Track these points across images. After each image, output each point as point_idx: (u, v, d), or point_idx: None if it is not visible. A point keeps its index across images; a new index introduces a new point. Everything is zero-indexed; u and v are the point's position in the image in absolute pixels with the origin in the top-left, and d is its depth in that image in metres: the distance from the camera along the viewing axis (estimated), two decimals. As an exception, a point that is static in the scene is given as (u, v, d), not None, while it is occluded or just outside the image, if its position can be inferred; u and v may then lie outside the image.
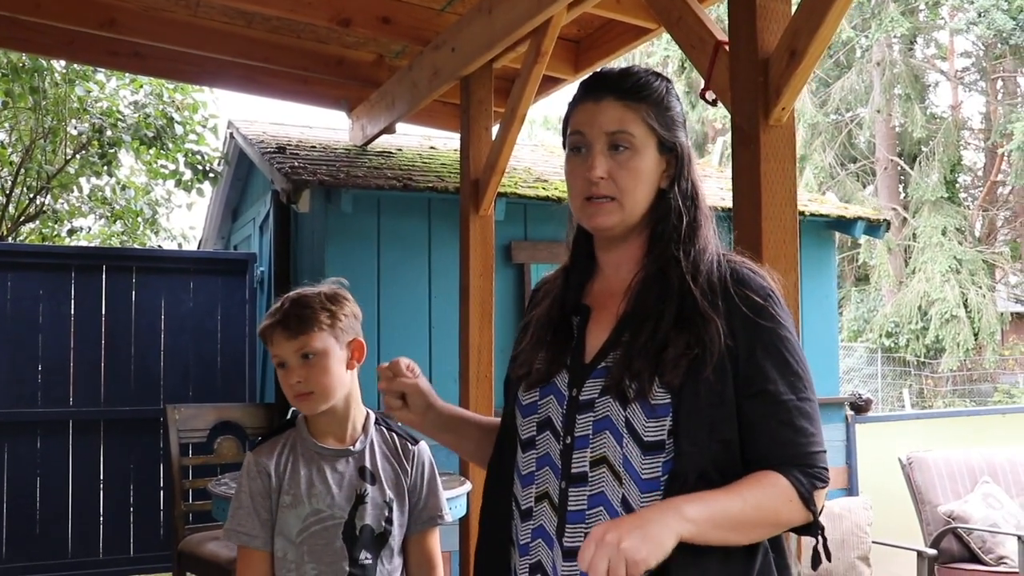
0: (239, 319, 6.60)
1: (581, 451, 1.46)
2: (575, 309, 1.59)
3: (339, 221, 5.25)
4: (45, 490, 5.99)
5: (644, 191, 1.52)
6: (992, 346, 19.14)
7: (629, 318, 1.50)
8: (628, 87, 1.53)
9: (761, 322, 1.44)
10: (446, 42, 4.45)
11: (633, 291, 1.52)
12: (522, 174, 5.92)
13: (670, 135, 1.54)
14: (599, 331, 1.54)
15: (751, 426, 1.41)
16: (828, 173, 21.68)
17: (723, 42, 2.68)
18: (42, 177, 8.07)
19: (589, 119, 1.52)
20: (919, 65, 22.52)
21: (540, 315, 1.63)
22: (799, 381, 1.44)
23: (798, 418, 1.41)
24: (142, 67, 5.68)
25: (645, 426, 1.41)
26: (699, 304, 1.44)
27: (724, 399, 1.40)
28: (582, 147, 1.53)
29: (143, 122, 7.57)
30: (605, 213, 1.51)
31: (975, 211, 22.78)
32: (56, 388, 6.07)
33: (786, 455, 1.40)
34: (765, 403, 1.41)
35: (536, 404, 1.55)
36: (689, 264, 1.49)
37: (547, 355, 1.56)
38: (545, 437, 1.52)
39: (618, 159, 1.51)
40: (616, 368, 1.45)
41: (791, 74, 2.42)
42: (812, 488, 1.40)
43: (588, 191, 1.51)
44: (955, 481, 5.19)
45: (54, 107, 7.67)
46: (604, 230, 1.54)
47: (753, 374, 1.42)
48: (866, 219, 6.47)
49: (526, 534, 1.52)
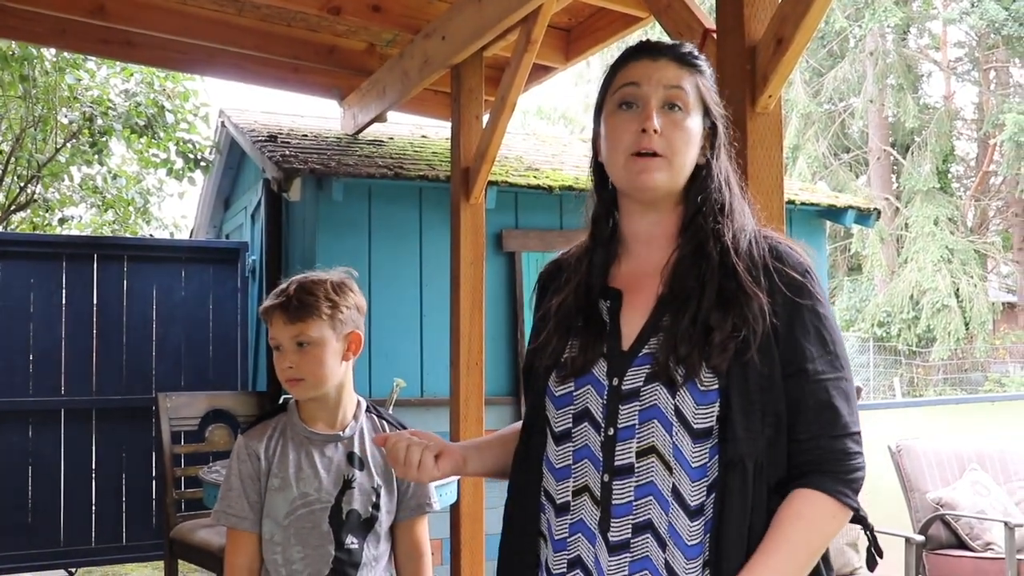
0: (231, 307, 6.61)
1: (626, 442, 1.41)
2: (603, 293, 1.52)
3: (330, 209, 5.25)
4: (37, 479, 6.00)
5: (691, 155, 1.49)
6: (983, 335, 19.23)
7: (668, 300, 1.45)
8: (685, 53, 1.52)
9: (800, 300, 1.41)
10: (437, 30, 4.45)
11: (671, 271, 1.47)
12: (513, 163, 5.92)
13: (713, 109, 1.52)
14: (635, 316, 1.48)
15: (791, 405, 1.39)
16: (821, 163, 21.71)
17: (711, 30, 2.68)
18: (33, 166, 8.04)
19: (647, 73, 1.49)
20: (912, 55, 22.55)
21: (564, 301, 1.55)
22: (837, 360, 1.42)
23: (836, 398, 1.39)
24: (133, 55, 5.66)
25: (695, 413, 1.37)
26: (742, 281, 1.40)
27: (773, 381, 1.38)
28: (635, 101, 1.48)
29: (134, 111, 7.55)
30: (653, 169, 1.45)
31: (967, 201, 22.85)
32: (47, 377, 6.07)
33: (825, 433, 1.38)
34: (804, 382, 1.39)
35: (571, 395, 1.48)
36: (730, 239, 1.45)
37: (579, 343, 1.49)
38: (583, 429, 1.46)
39: (672, 117, 1.47)
40: (662, 354, 1.40)
41: (778, 62, 2.42)
42: (851, 490, 1.39)
43: (638, 144, 1.45)
44: (944, 469, 5.22)
45: (44, 95, 7.64)
46: (649, 189, 1.48)
47: (792, 353, 1.39)
48: (856, 208, 6.49)
49: (563, 529, 1.46)
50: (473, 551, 4.22)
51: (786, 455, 1.39)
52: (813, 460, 1.39)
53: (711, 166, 1.50)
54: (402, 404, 4.65)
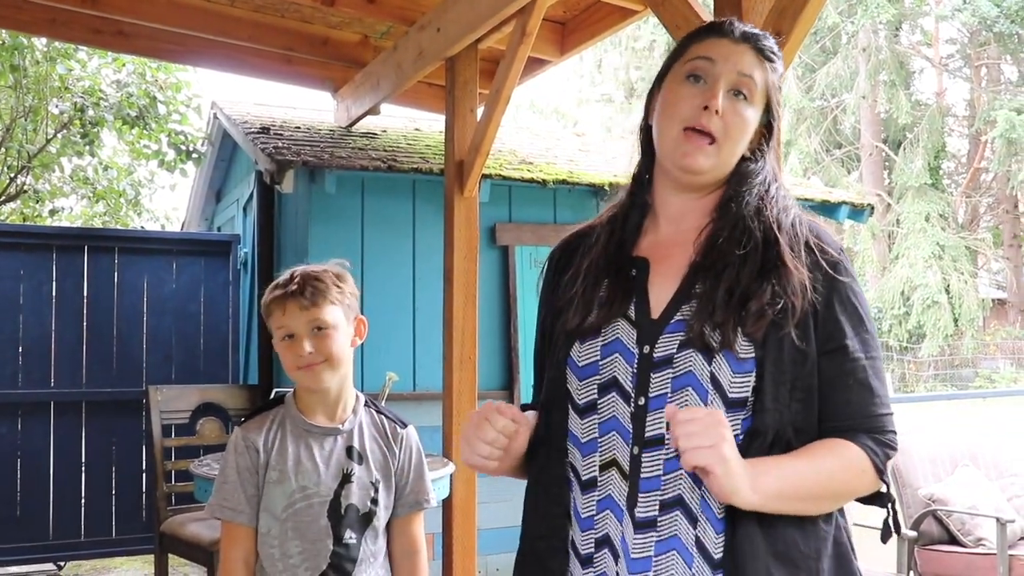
0: (222, 300, 6.58)
1: (657, 412, 1.35)
2: (631, 262, 1.48)
3: (323, 202, 5.23)
4: (26, 472, 5.97)
5: (741, 145, 1.47)
6: (973, 332, 19.30)
7: (701, 268, 1.41)
8: (766, 45, 1.49)
9: (838, 277, 1.39)
10: (431, 22, 4.43)
11: (705, 240, 1.43)
12: (507, 156, 5.91)
13: (775, 105, 1.50)
14: (664, 283, 1.43)
15: (827, 383, 1.36)
16: (813, 158, 21.75)
17: (708, 23, 2.67)
18: (23, 156, 8.00)
19: (725, 53, 1.46)
20: (904, 51, 22.58)
21: (590, 266, 1.50)
22: (872, 339, 1.40)
23: (872, 378, 1.38)
24: (125, 46, 5.62)
25: (731, 381, 1.33)
26: (784, 254, 1.38)
27: (807, 356, 1.35)
28: (704, 77, 1.45)
29: (126, 101, 7.51)
30: (703, 153, 1.43)
31: (958, 197, 22.91)
32: (37, 369, 6.03)
33: (860, 416, 1.37)
34: (842, 360, 1.37)
35: (597, 364, 1.42)
36: (774, 213, 1.43)
37: (604, 311, 1.44)
38: (610, 399, 1.40)
39: (735, 104, 1.44)
40: (696, 320, 1.35)
41: (776, 55, 2.42)
42: (885, 457, 1.37)
43: (697, 120, 1.42)
44: (935, 464, 5.23)
45: (35, 85, 7.59)
46: (694, 172, 1.45)
47: (831, 329, 1.37)
48: (850, 203, 6.49)
49: (590, 506, 1.41)
50: (465, 546, 4.21)
51: (815, 432, 1.36)
52: (852, 427, 1.37)
53: (758, 160, 1.49)
54: (394, 398, 4.64)
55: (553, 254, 1.63)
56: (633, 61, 23.84)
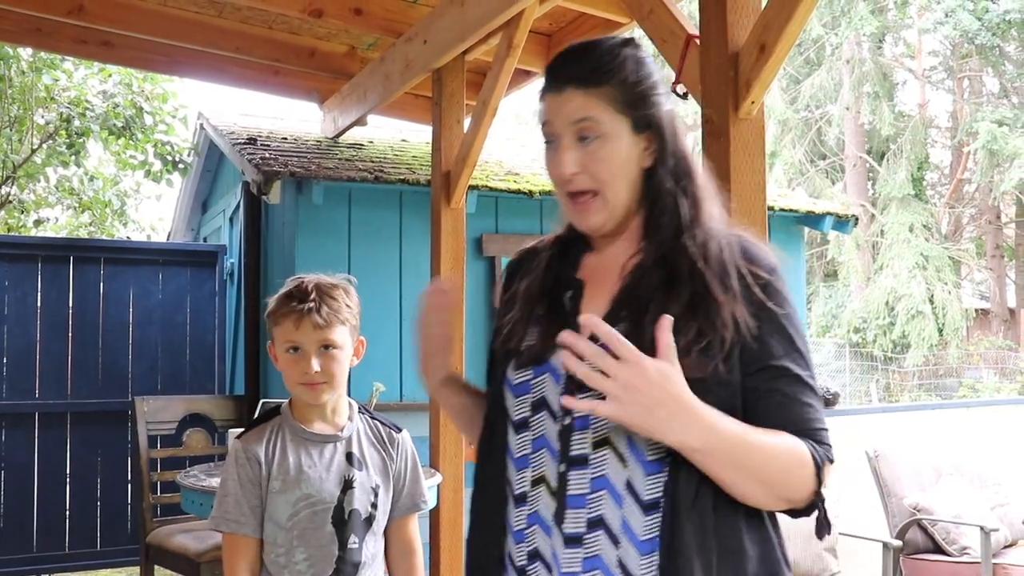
0: (208, 311, 6.56)
1: (582, 432, 1.37)
2: (567, 283, 1.50)
3: (310, 213, 5.23)
4: (10, 483, 5.93)
5: (624, 179, 1.43)
6: (957, 342, 19.40)
7: (625, 297, 1.41)
8: (589, 71, 1.42)
9: (768, 299, 1.38)
10: (418, 34, 4.44)
11: (629, 271, 1.43)
12: (494, 167, 5.92)
13: (643, 112, 1.43)
14: (594, 307, 1.43)
15: (759, 401, 1.35)
16: (798, 169, 21.87)
17: (694, 36, 2.70)
18: (8, 167, 7.96)
19: (554, 109, 1.44)
20: (888, 63, 22.76)
21: (529, 287, 1.53)
22: (802, 359, 1.39)
23: (806, 394, 1.37)
24: (111, 56, 5.62)
25: None
26: (712, 289, 1.36)
27: (732, 378, 1.34)
28: (552, 139, 1.45)
29: (112, 112, 7.49)
30: (592, 212, 1.43)
31: (942, 208, 23.07)
32: (22, 380, 6.00)
33: (799, 427, 1.35)
34: (772, 378, 1.36)
35: (529, 384, 1.45)
36: (697, 248, 1.40)
37: (539, 331, 1.46)
38: (541, 418, 1.42)
39: (588, 150, 1.41)
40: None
41: (761, 68, 2.44)
42: (824, 460, 1.35)
43: (565, 186, 1.44)
44: (920, 474, 5.26)
45: (20, 95, 7.57)
46: (594, 230, 1.47)
47: (760, 351, 1.36)
48: (835, 214, 6.53)
49: (521, 520, 1.43)
50: (452, 556, 4.21)
51: None
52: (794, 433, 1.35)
53: (658, 170, 1.44)
54: (381, 409, 4.63)
55: (511, 264, 1.65)
56: (619, 72, 23.96)
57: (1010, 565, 4.71)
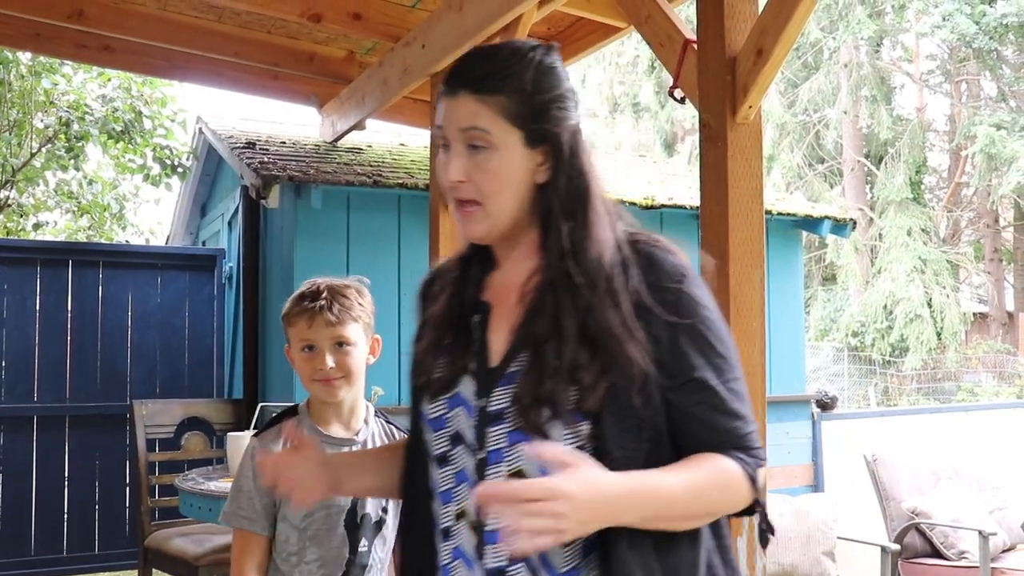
0: (207, 314, 6.57)
1: (496, 465, 1.33)
2: (475, 306, 1.43)
3: (309, 217, 5.24)
4: (7, 487, 5.93)
5: (510, 193, 1.35)
6: (955, 345, 19.41)
7: (529, 320, 1.34)
8: (483, 77, 1.34)
9: (680, 308, 1.32)
10: (416, 39, 4.45)
11: (526, 300, 1.36)
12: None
13: (539, 124, 1.35)
14: (502, 330, 1.38)
15: (683, 416, 1.31)
16: (796, 173, 21.89)
17: (691, 40, 2.71)
18: (7, 170, 7.97)
19: (447, 115, 1.36)
20: (885, 67, 22.79)
21: (437, 313, 1.47)
22: (725, 363, 1.33)
23: (731, 401, 1.32)
24: (110, 60, 5.63)
25: (563, 436, 1.29)
26: (606, 319, 1.29)
27: (650, 400, 1.29)
28: (444, 146, 1.38)
29: (111, 116, 7.50)
30: (473, 222, 1.36)
31: (940, 212, 23.10)
32: (21, 383, 6.01)
33: (723, 441, 1.31)
34: (694, 391, 1.31)
35: (444, 418, 1.40)
36: (584, 276, 1.32)
37: (448, 361, 1.40)
38: (459, 452, 1.38)
39: (476, 160, 1.34)
40: (524, 388, 1.30)
41: (758, 73, 2.45)
42: (756, 467, 1.32)
43: (451, 193, 1.37)
44: (918, 478, 5.27)
45: (20, 99, 7.58)
46: (476, 239, 1.40)
47: (678, 364, 1.31)
48: (833, 218, 6.54)
49: (447, 554, 1.40)
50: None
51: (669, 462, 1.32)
52: (721, 448, 1.32)
53: (551, 185, 1.36)
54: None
55: (421, 286, 1.60)
56: (617, 76, 23.94)
57: (1008, 569, 4.72)
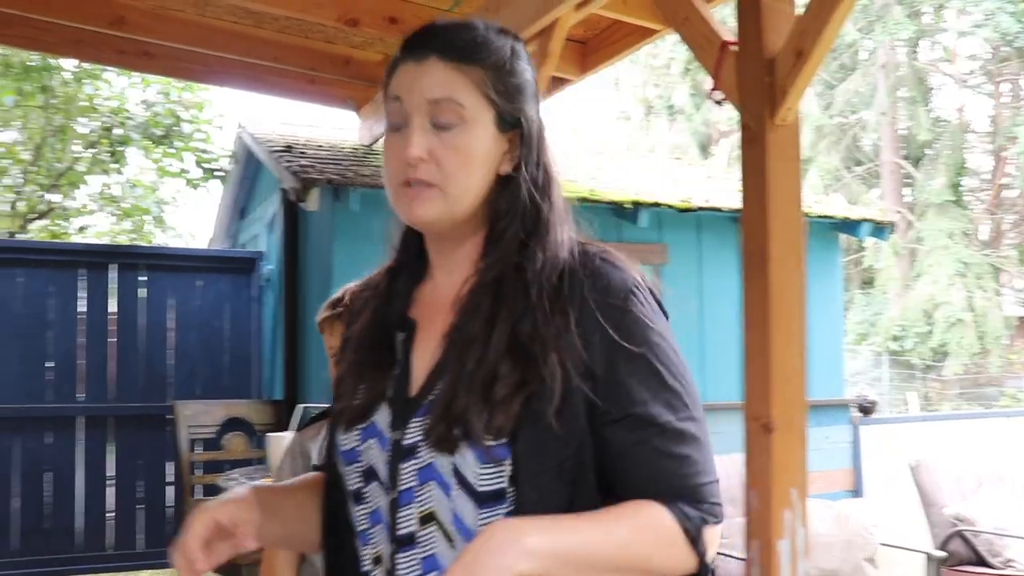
0: (246, 316, 6.64)
1: (407, 507, 1.17)
2: (400, 324, 1.26)
3: (347, 220, 5.28)
4: (54, 485, 6.03)
5: (476, 177, 1.19)
6: (998, 350, 19.14)
7: (455, 339, 1.17)
8: (460, 45, 1.19)
9: (624, 330, 1.14)
10: (454, 42, 4.47)
11: (461, 303, 1.20)
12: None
13: (513, 107, 1.21)
14: (427, 353, 1.21)
15: (620, 458, 1.13)
16: (833, 176, 21.70)
17: (729, 42, 2.70)
18: (52, 175, 8.11)
19: (409, 83, 1.19)
20: (924, 68, 22.53)
21: (360, 332, 1.29)
22: (676, 398, 1.15)
23: (678, 444, 1.13)
24: (150, 66, 5.71)
25: (478, 474, 1.11)
26: (540, 326, 1.13)
27: (573, 434, 1.12)
28: (400, 121, 1.19)
29: (152, 121, 7.61)
30: (424, 202, 1.17)
31: (981, 214, 22.78)
32: (65, 384, 6.11)
33: (664, 490, 1.12)
34: (635, 429, 1.12)
35: (356, 451, 1.23)
36: (536, 271, 1.17)
37: (367, 390, 1.23)
38: (373, 489, 1.22)
39: (442, 136, 1.17)
40: (437, 407, 1.14)
41: (797, 74, 2.44)
42: (701, 523, 1.12)
43: (404, 176, 1.18)
44: (961, 483, 5.20)
45: (64, 105, 7.71)
46: (424, 224, 1.21)
47: (617, 396, 1.13)
48: (872, 221, 6.48)
49: None
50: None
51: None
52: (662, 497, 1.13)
53: (519, 177, 1.21)
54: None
55: (350, 301, 1.46)
56: (651, 79, 23.88)
57: (1054, 576, 4.65)
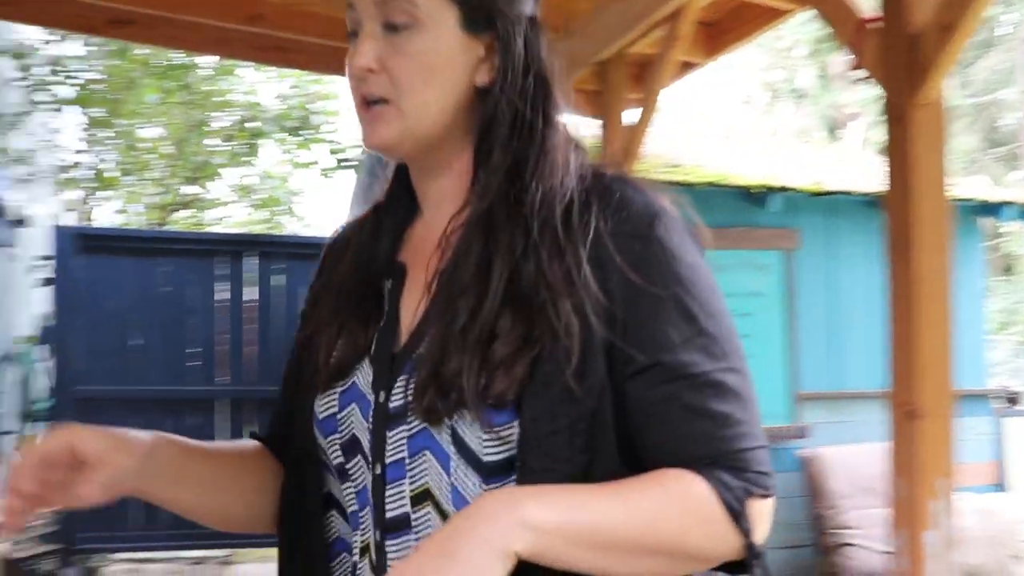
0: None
1: (397, 483, 0.97)
2: (386, 269, 1.07)
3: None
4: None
5: (437, 89, 0.99)
6: None
7: (443, 288, 0.98)
8: None
9: (649, 263, 0.94)
10: (581, 28, 4.48)
11: (448, 244, 1.00)
12: (653, 159, 5.89)
13: (482, 2, 1.00)
14: (416, 302, 1.02)
15: (646, 417, 0.92)
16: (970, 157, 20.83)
17: (867, 19, 2.64)
18: (191, 168, 8.47)
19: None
20: (1071, 43, 21.35)
21: (340, 278, 1.10)
22: (713, 344, 0.93)
23: (715, 399, 0.91)
24: (285, 60, 5.87)
25: (484, 441, 0.92)
26: (544, 268, 0.93)
27: (591, 391, 0.91)
28: (355, 29, 1.02)
29: (285, 114, 7.86)
30: (380, 124, 1.00)
31: None
32: (206, 368, 6.37)
33: (699, 454, 0.91)
34: (662, 382, 0.91)
35: (336, 419, 1.03)
36: (535, 201, 0.97)
37: (348, 344, 1.04)
38: (357, 464, 1.02)
39: (395, 42, 0.99)
40: (425, 368, 0.94)
41: (942, 50, 2.37)
42: (745, 495, 0.89)
43: (356, 89, 1.02)
44: None
45: (202, 101, 8.02)
46: (384, 149, 1.03)
47: (640, 340, 0.92)
48: (1017, 204, 6.19)
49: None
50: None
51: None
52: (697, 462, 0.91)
53: (496, 88, 1.01)
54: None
55: (325, 252, 1.20)
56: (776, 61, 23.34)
57: None
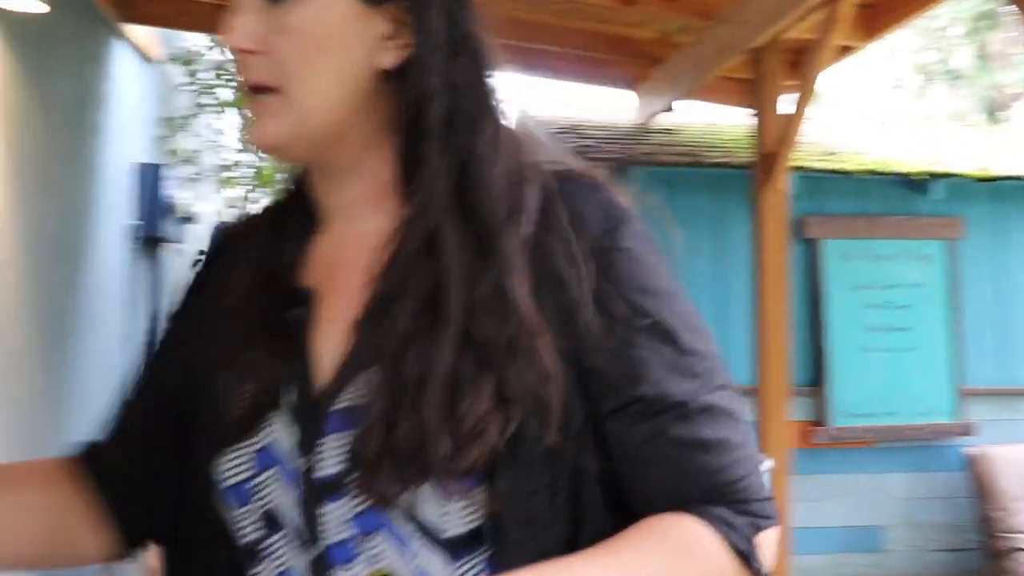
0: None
1: (346, 567, 0.80)
2: (292, 294, 0.87)
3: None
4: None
5: (329, 72, 0.82)
6: None
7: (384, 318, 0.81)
8: None
9: (613, 276, 0.82)
10: (733, 15, 4.40)
11: (384, 260, 0.82)
12: (809, 146, 5.75)
13: None
14: (333, 332, 0.84)
15: (630, 461, 0.81)
16: None
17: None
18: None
19: None
20: None
21: (233, 304, 0.88)
22: (697, 362, 0.82)
23: (707, 426, 0.80)
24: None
25: (443, 513, 0.77)
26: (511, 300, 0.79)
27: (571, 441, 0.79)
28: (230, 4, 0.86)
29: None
30: (266, 118, 0.83)
31: None
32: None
33: (699, 494, 0.80)
34: (645, 419, 0.80)
35: (249, 484, 0.84)
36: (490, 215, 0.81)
37: (252, 392, 0.84)
38: (279, 542, 0.83)
39: (275, 16, 0.81)
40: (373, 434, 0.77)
41: None
42: (752, 530, 0.81)
43: (239, 74, 0.86)
44: None
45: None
46: (273, 150, 0.86)
47: (617, 370, 0.80)
48: None
49: None
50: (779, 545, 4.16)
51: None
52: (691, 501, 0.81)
53: (413, 73, 0.83)
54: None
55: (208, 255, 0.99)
56: (929, 43, 22.37)
57: None
